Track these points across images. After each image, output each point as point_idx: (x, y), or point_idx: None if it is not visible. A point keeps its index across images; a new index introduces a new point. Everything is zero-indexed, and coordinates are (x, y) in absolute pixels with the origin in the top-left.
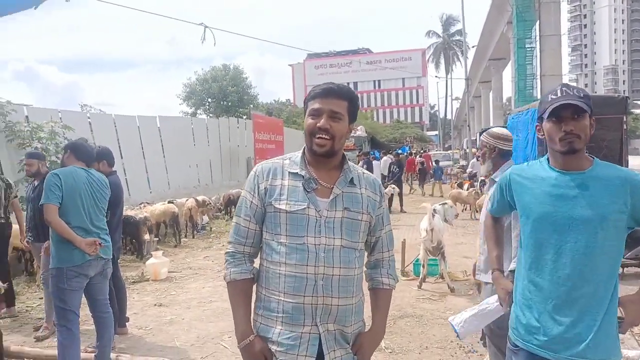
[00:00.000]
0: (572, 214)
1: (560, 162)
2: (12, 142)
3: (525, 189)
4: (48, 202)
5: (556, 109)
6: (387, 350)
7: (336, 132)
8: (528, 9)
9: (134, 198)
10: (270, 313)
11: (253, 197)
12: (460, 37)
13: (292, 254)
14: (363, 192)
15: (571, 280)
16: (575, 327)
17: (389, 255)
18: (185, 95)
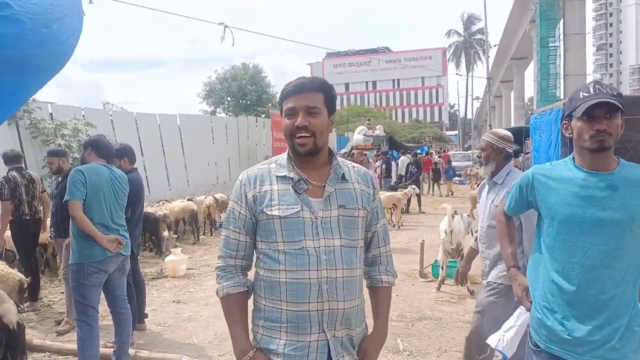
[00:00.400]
0: (601, 215)
1: (588, 161)
2: (37, 138)
3: (550, 189)
4: (73, 198)
5: (590, 108)
6: (405, 353)
7: (316, 128)
8: (552, 7)
9: (154, 195)
10: (273, 324)
11: (241, 208)
12: (481, 35)
13: (291, 260)
14: (356, 186)
15: (599, 283)
16: (602, 330)
17: (387, 251)
18: (205, 93)
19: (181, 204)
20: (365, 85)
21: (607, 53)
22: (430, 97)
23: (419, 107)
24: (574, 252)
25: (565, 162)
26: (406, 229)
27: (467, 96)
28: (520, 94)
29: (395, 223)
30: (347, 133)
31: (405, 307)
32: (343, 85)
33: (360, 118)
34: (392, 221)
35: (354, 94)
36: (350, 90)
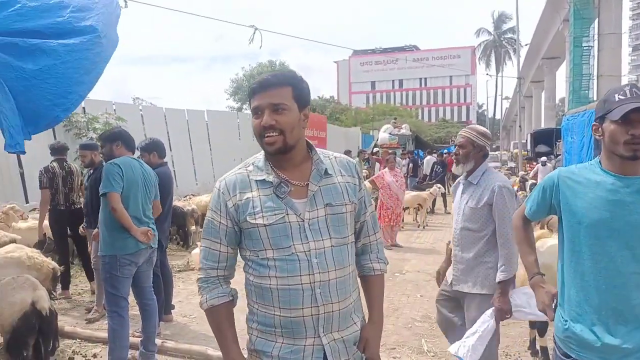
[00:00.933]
0: (630, 220)
1: (618, 166)
2: (70, 132)
3: (577, 193)
4: (112, 190)
5: (628, 112)
6: (429, 354)
7: (284, 126)
8: (587, 5)
9: (181, 189)
10: (267, 327)
11: (221, 217)
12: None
13: (282, 267)
14: (340, 180)
15: (627, 289)
16: (633, 337)
17: (376, 239)
18: (232, 90)
19: (208, 198)
20: (391, 84)
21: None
22: (458, 97)
23: (446, 106)
24: (601, 257)
25: (591, 165)
26: (431, 229)
27: (496, 96)
28: (552, 94)
29: (421, 223)
30: (373, 131)
31: (429, 307)
32: (369, 83)
33: (385, 117)
34: (418, 221)
35: (380, 92)
36: (376, 89)
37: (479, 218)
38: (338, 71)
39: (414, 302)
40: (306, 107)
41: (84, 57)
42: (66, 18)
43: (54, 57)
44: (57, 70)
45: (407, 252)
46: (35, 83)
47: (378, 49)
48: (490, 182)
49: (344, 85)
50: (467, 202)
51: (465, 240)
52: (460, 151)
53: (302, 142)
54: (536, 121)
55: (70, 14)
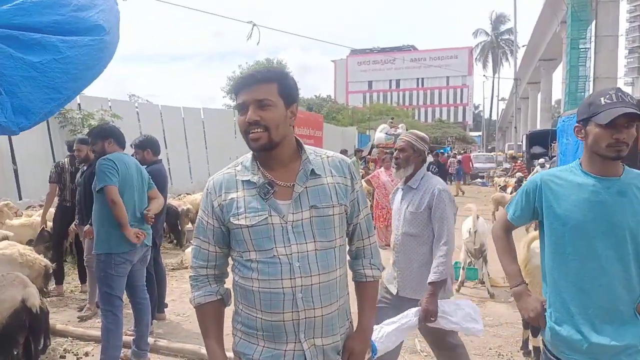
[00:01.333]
0: (613, 220)
1: (599, 167)
2: (65, 128)
3: (560, 195)
4: (110, 184)
5: (616, 117)
6: (422, 353)
7: (269, 122)
8: (584, 7)
9: (176, 187)
10: (250, 330)
11: (208, 217)
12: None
13: (263, 270)
14: (329, 181)
15: (612, 288)
16: (620, 335)
17: (370, 243)
18: (229, 88)
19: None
20: (388, 84)
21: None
22: (455, 97)
23: (443, 107)
24: (586, 258)
25: (573, 167)
26: None
27: (492, 97)
28: (548, 96)
29: None
30: (369, 131)
31: None
32: (366, 82)
33: (382, 116)
34: None
35: (377, 92)
36: (373, 88)
37: (420, 222)
38: (335, 70)
39: None
40: (293, 104)
41: (85, 53)
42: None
43: (54, 52)
44: (56, 65)
45: None
46: (34, 75)
47: (376, 48)
48: (430, 185)
49: (341, 85)
50: (407, 207)
51: (406, 246)
52: (400, 155)
53: (290, 140)
54: (532, 122)
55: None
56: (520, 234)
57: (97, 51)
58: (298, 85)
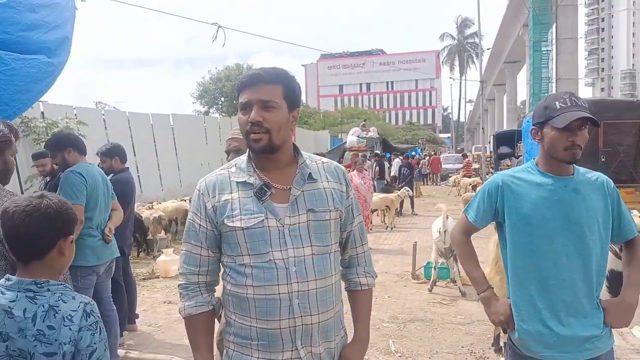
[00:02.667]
0: (571, 217)
1: (555, 167)
2: (28, 137)
3: (521, 195)
4: (78, 203)
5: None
6: (396, 354)
7: (272, 124)
8: (545, 11)
9: (146, 195)
10: (244, 340)
11: (201, 220)
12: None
13: (259, 275)
14: (326, 185)
15: (573, 282)
16: (583, 325)
17: (364, 250)
18: (199, 94)
19: (174, 204)
20: (359, 87)
21: (598, 58)
22: (424, 100)
23: (413, 109)
24: (548, 255)
25: (529, 167)
26: (399, 231)
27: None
28: (513, 97)
29: (389, 225)
30: (341, 135)
31: (397, 308)
32: (337, 87)
33: (354, 120)
34: (386, 223)
35: (348, 96)
36: (344, 92)
37: None
38: (306, 75)
39: (382, 304)
40: (295, 109)
41: (32, 66)
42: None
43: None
44: (1, 76)
45: (375, 254)
46: None
47: (345, 52)
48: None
49: (313, 89)
50: None
51: None
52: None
53: (289, 144)
54: (499, 123)
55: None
56: (489, 232)
57: (44, 65)
58: None
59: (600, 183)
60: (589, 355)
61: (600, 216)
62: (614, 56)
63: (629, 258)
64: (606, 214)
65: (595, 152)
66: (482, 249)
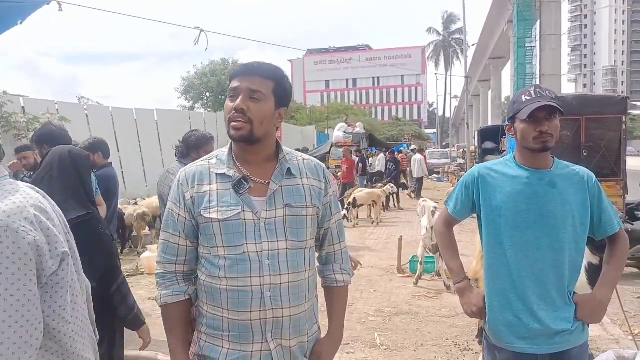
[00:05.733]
0: (544, 210)
1: (531, 160)
2: (8, 133)
3: (496, 187)
4: None
5: (534, 111)
6: (382, 347)
7: (255, 115)
8: (529, 8)
9: (130, 191)
10: (215, 331)
11: (179, 209)
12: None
13: (232, 267)
14: (305, 182)
15: (545, 274)
16: (554, 319)
17: (341, 248)
18: (184, 89)
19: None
20: (345, 83)
21: (581, 54)
22: (410, 95)
23: (399, 105)
24: (521, 247)
25: (507, 160)
26: (385, 226)
27: (445, 95)
28: (498, 93)
29: (375, 220)
30: (328, 130)
31: (382, 302)
32: (324, 82)
33: (340, 115)
34: (372, 217)
35: (334, 91)
36: (330, 88)
37: None
38: (293, 70)
39: (368, 297)
40: (282, 108)
41: None
42: None
43: None
44: None
45: (362, 249)
46: None
47: (332, 48)
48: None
49: (299, 84)
50: None
51: None
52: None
53: (272, 139)
54: (484, 119)
55: None
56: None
57: None
58: None
59: (580, 177)
60: (560, 349)
61: (577, 211)
62: (597, 52)
63: (608, 255)
64: (584, 209)
65: (577, 146)
66: (466, 243)
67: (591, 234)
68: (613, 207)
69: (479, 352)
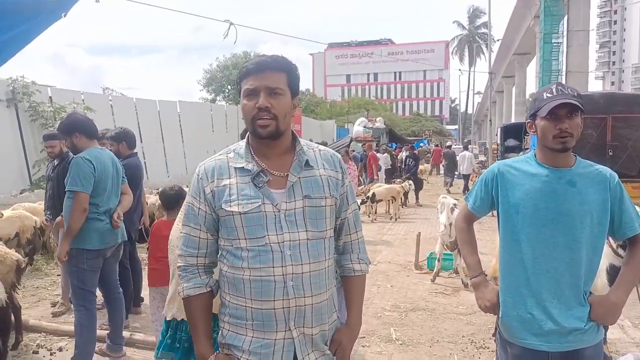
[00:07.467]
0: (562, 209)
1: (551, 158)
2: (36, 122)
3: (515, 184)
4: (84, 190)
5: (554, 108)
6: (397, 342)
7: (279, 110)
8: (556, 3)
9: (152, 181)
10: (238, 320)
11: (200, 203)
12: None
13: (255, 258)
14: (322, 172)
15: (559, 272)
16: (567, 318)
17: (358, 237)
18: (206, 81)
19: None
20: (366, 77)
21: (610, 51)
22: (432, 91)
23: (420, 100)
24: (537, 244)
25: (528, 158)
26: (403, 222)
27: (468, 90)
28: (522, 89)
29: (393, 215)
30: (347, 124)
31: (399, 297)
32: (344, 76)
33: (360, 110)
34: (390, 213)
35: (355, 86)
36: (351, 82)
37: None
38: (314, 64)
39: (384, 292)
40: (296, 97)
41: None
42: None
43: None
44: None
45: (379, 244)
46: None
47: (353, 42)
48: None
49: (320, 78)
50: None
51: None
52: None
53: (289, 131)
54: (507, 116)
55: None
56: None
57: None
58: None
59: (602, 177)
60: (572, 347)
61: (596, 211)
62: (626, 49)
63: (627, 257)
64: (603, 209)
65: (603, 145)
66: (485, 241)
67: (611, 235)
68: (635, 209)
69: (495, 350)
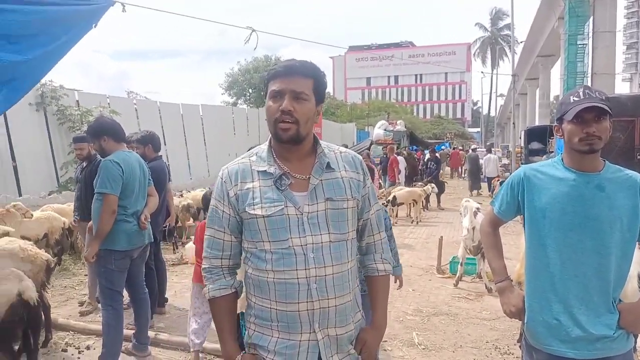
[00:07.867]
0: (590, 214)
1: (578, 162)
2: (63, 125)
3: (542, 189)
4: (113, 192)
5: (580, 111)
6: (420, 347)
7: (301, 115)
8: (582, 3)
9: (175, 184)
10: (264, 321)
11: (224, 206)
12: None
13: (279, 260)
14: (344, 175)
15: (587, 278)
16: (595, 324)
17: (381, 238)
18: (227, 85)
19: (202, 192)
20: (387, 80)
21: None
22: (453, 94)
23: (441, 103)
24: (564, 249)
25: (555, 162)
26: (425, 225)
27: (491, 93)
28: (546, 92)
29: (414, 219)
30: (368, 127)
31: (421, 301)
32: (365, 79)
33: (381, 113)
34: (412, 217)
35: (376, 89)
36: (372, 85)
37: None
38: (334, 67)
39: (406, 296)
40: (320, 104)
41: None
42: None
43: None
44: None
45: (401, 247)
46: None
47: (374, 44)
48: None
49: (340, 81)
50: None
51: None
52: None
53: (311, 136)
54: (530, 118)
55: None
56: (519, 229)
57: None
58: None
59: (632, 182)
60: (600, 355)
61: (625, 216)
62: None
63: None
64: (633, 215)
65: (631, 149)
66: (510, 246)
67: None
68: None
69: (519, 356)
